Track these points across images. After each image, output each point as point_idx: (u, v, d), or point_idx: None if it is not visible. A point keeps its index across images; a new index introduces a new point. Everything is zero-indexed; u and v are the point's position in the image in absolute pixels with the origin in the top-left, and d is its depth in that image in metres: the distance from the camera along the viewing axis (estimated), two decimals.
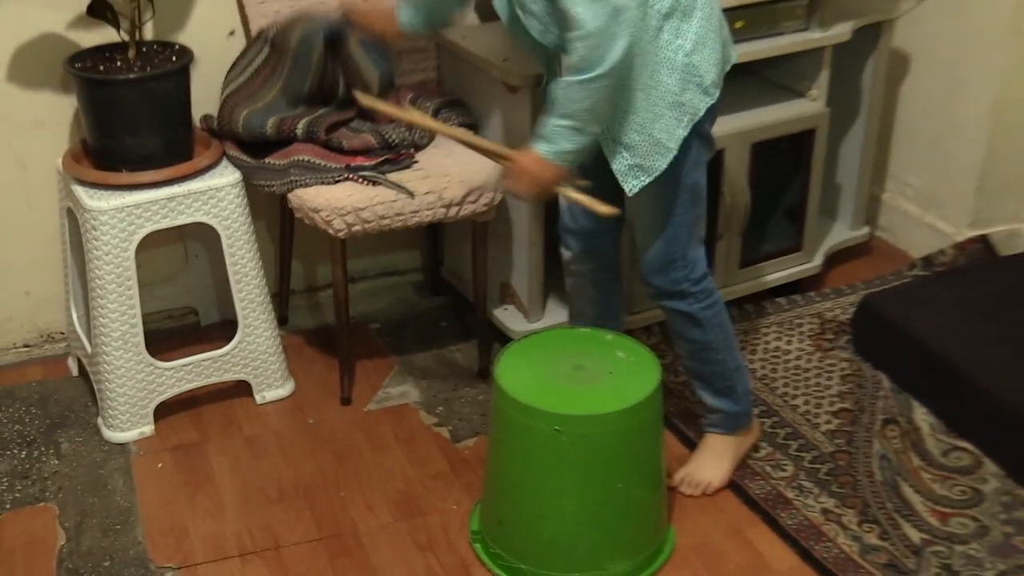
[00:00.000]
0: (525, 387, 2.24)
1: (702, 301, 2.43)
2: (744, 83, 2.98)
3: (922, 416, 2.75)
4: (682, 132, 2.26)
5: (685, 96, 2.24)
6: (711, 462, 2.56)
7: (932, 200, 3.33)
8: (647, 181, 2.27)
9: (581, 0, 2.07)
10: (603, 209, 2.22)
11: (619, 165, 2.27)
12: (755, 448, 2.63)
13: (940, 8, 3.19)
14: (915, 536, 2.41)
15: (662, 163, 2.25)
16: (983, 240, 3.26)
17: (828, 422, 2.74)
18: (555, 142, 2.19)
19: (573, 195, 2.26)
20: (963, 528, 2.43)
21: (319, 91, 2.70)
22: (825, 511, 2.47)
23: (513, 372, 2.28)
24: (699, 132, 2.32)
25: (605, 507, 2.27)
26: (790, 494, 2.52)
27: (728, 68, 2.33)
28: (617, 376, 2.30)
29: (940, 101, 3.27)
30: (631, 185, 2.27)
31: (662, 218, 2.36)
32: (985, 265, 3.20)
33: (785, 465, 2.59)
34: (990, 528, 2.42)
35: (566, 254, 2.58)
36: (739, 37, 2.63)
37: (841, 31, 2.96)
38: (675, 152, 2.25)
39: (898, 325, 2.86)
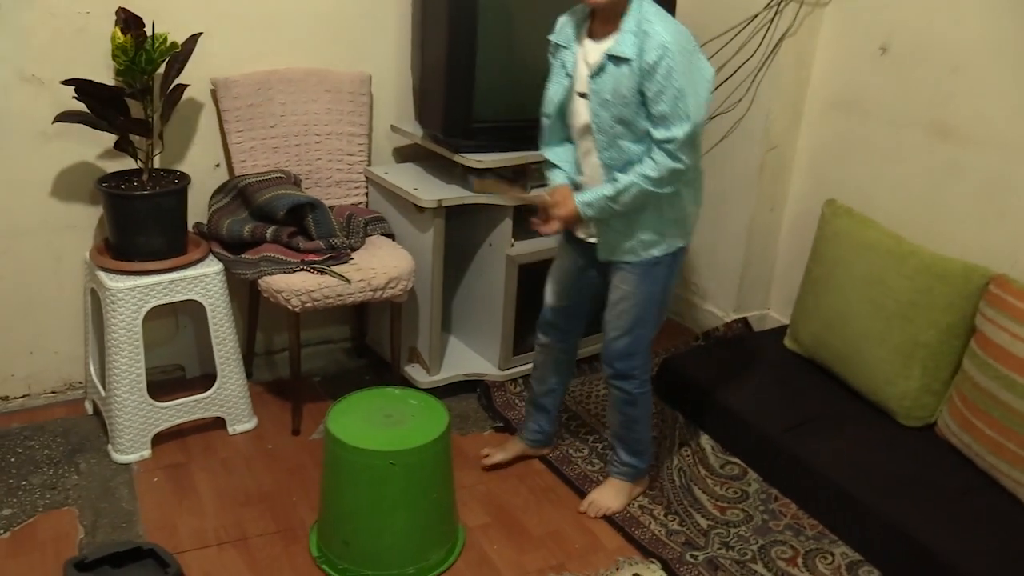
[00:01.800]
0: (357, 436, 2.17)
1: (643, 386, 2.38)
2: None
3: (705, 440, 2.82)
4: (680, 241, 2.28)
5: (692, 210, 2.28)
6: (613, 497, 2.52)
7: (708, 293, 3.43)
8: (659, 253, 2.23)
9: (685, 150, 2.06)
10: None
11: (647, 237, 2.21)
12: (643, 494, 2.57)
13: (711, 163, 3.24)
14: (704, 523, 2.47)
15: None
16: (743, 320, 3.36)
17: None
18: (594, 209, 2.15)
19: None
20: (736, 516, 2.50)
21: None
22: (641, 507, 2.52)
23: (342, 427, 2.20)
24: (684, 249, 2.30)
25: (426, 514, 2.25)
26: None
27: None
28: (417, 417, 2.26)
29: (712, 225, 3.37)
30: (650, 252, 2.21)
31: (640, 314, 2.27)
32: (745, 337, 3.29)
33: None
34: (753, 516, 2.51)
35: (542, 339, 2.51)
36: None
37: None
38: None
39: (688, 379, 2.94)
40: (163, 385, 2.86)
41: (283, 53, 2.84)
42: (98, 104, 2.44)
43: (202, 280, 2.60)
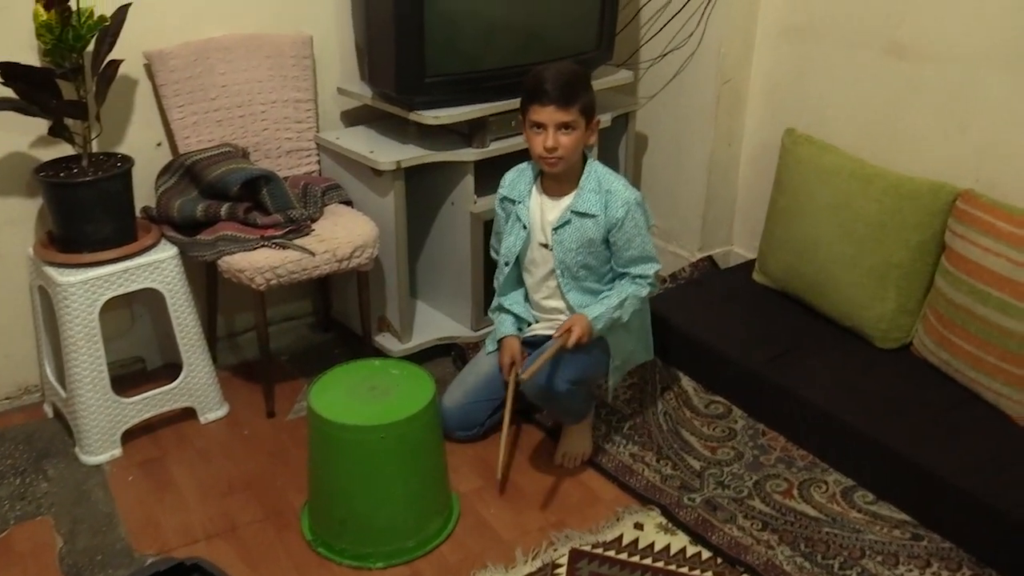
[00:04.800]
0: (343, 412, 2.10)
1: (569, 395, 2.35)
2: None
3: (687, 382, 2.82)
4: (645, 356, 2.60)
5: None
6: (578, 440, 2.49)
7: (671, 234, 3.41)
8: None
9: (657, 281, 2.39)
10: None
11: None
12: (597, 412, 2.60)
13: (664, 102, 3.30)
14: (696, 464, 2.47)
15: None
16: (709, 259, 3.34)
17: (624, 394, 2.77)
18: (602, 321, 2.28)
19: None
20: (726, 455, 2.51)
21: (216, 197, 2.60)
22: (632, 455, 2.51)
23: (326, 404, 2.13)
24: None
25: (421, 484, 2.20)
26: (607, 446, 2.54)
27: None
28: (403, 387, 2.20)
29: (670, 165, 3.35)
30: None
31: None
32: (712, 275, 3.27)
33: (599, 427, 2.61)
34: (744, 452, 2.51)
35: (459, 435, 2.53)
36: None
37: (605, 120, 2.99)
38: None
39: (662, 322, 2.87)
40: (125, 379, 2.74)
41: (218, 20, 2.69)
42: (28, 88, 2.28)
43: (158, 266, 2.48)
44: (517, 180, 2.44)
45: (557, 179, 2.35)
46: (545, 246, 2.39)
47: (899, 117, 2.74)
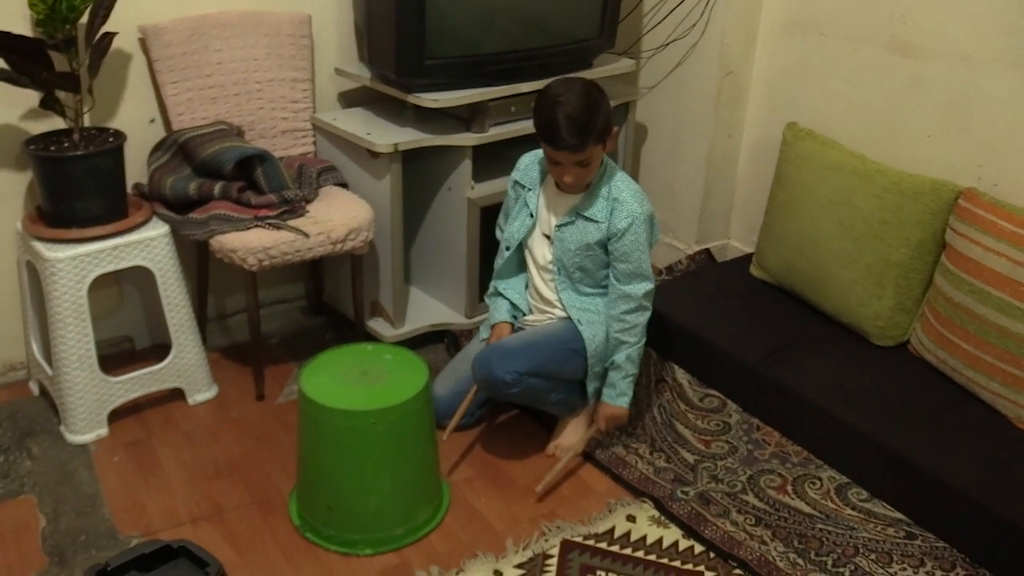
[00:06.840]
0: (334, 396, 2.05)
1: (517, 385, 2.28)
2: None
3: (681, 375, 2.78)
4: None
5: None
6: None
7: (669, 226, 3.37)
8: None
9: (648, 300, 2.31)
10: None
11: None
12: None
13: (665, 93, 3.25)
14: (690, 458, 2.44)
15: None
16: (706, 252, 3.31)
17: None
18: (629, 394, 2.35)
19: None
20: (720, 449, 2.48)
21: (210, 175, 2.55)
22: (625, 447, 2.47)
23: (317, 388, 2.08)
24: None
25: (411, 472, 2.15)
26: (600, 438, 2.49)
27: None
28: (396, 373, 2.16)
29: (669, 157, 3.31)
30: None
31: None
32: (709, 268, 3.24)
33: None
34: (738, 447, 2.48)
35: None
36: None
37: None
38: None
39: (657, 314, 2.83)
40: (112, 359, 2.70)
41: None
42: (18, 59, 2.22)
43: (148, 244, 2.43)
44: (531, 166, 2.39)
45: None
46: (548, 237, 2.36)
47: (901, 114, 2.70)
